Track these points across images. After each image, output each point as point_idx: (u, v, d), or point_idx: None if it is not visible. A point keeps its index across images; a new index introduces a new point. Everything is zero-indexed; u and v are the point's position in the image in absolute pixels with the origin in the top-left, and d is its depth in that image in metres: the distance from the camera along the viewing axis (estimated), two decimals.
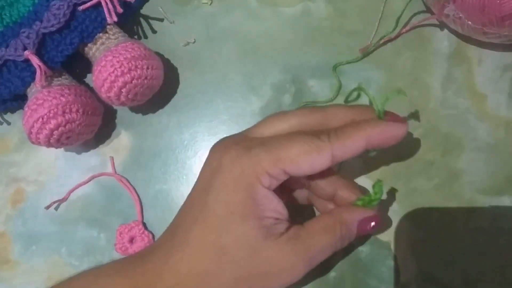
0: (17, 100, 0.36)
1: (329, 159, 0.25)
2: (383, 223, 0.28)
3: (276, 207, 0.26)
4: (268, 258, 0.25)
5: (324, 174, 0.28)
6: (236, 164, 0.25)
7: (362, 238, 0.33)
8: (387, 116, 0.28)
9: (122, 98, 0.33)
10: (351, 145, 0.25)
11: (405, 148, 0.35)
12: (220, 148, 0.27)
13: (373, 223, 0.28)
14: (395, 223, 0.33)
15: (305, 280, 0.33)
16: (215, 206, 0.25)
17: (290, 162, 0.25)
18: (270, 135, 0.27)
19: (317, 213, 0.33)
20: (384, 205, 0.34)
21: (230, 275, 0.25)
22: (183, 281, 0.25)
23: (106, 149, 0.37)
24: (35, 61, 0.32)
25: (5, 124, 0.38)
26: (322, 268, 0.33)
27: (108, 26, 0.35)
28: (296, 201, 0.31)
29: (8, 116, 0.39)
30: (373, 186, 0.28)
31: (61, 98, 0.32)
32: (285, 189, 0.30)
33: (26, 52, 0.33)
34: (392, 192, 0.34)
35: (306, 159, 0.25)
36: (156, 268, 0.26)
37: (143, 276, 0.26)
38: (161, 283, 0.25)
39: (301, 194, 0.31)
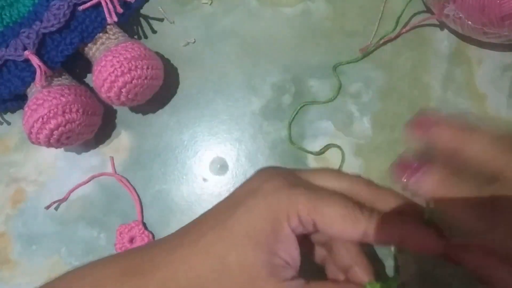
0: (17, 100, 0.36)
1: (360, 234, 0.25)
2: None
3: (292, 252, 0.25)
4: None
5: (349, 245, 0.28)
6: (274, 194, 0.25)
7: None
8: None
9: (122, 98, 0.33)
10: (384, 236, 0.25)
11: (405, 148, 0.35)
12: (267, 174, 0.27)
13: None
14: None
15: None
16: (236, 224, 0.25)
17: (324, 217, 0.25)
18: (318, 185, 0.27)
19: None
20: None
21: None
22: (176, 277, 0.25)
23: (106, 149, 0.37)
24: (35, 61, 0.32)
25: (5, 124, 0.38)
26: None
27: (108, 26, 0.35)
28: (312, 257, 0.31)
29: (8, 116, 0.39)
30: (388, 280, 0.27)
31: (61, 98, 0.32)
32: (307, 241, 0.29)
33: (26, 52, 0.33)
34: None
35: (340, 223, 0.25)
36: (154, 260, 0.26)
37: (138, 263, 0.26)
38: (155, 272, 0.25)
39: (319, 252, 0.30)
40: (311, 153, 0.35)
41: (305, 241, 0.29)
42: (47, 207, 0.36)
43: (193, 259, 0.25)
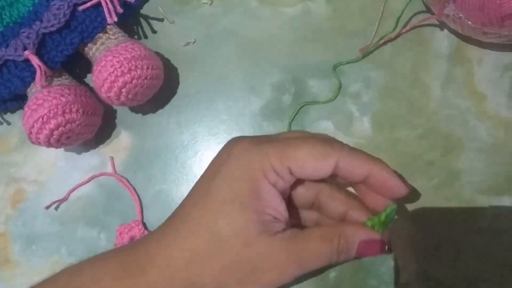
0: (17, 100, 0.36)
1: (332, 166, 0.26)
2: (387, 250, 0.27)
3: (278, 207, 0.26)
4: (260, 252, 0.25)
5: (336, 194, 0.28)
6: (245, 155, 0.26)
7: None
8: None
9: (122, 98, 0.33)
10: (355, 167, 0.26)
11: (405, 148, 0.35)
12: (232, 141, 0.28)
13: (376, 249, 0.27)
14: (395, 223, 0.33)
15: (299, 280, 0.33)
16: (217, 192, 0.26)
17: (296, 161, 0.25)
18: (284, 136, 0.28)
19: None
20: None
21: (220, 261, 0.25)
22: (174, 262, 0.26)
23: (106, 149, 0.37)
24: (35, 61, 0.32)
25: (5, 124, 0.38)
26: (322, 268, 0.33)
27: (108, 26, 0.35)
28: (305, 223, 0.31)
29: (8, 116, 0.39)
30: (385, 209, 0.27)
31: (61, 98, 0.32)
32: (295, 211, 0.30)
33: (26, 52, 0.33)
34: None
35: (312, 161, 0.25)
36: (149, 250, 0.26)
37: (134, 257, 0.26)
38: (152, 263, 0.26)
39: (310, 217, 0.30)
40: None
41: (294, 211, 0.30)
42: (47, 207, 0.36)
43: (184, 240, 0.26)
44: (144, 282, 0.25)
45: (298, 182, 0.28)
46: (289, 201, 0.28)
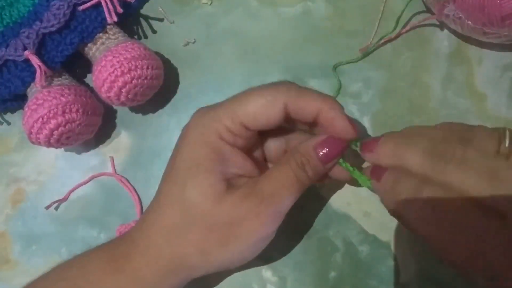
0: (17, 100, 0.36)
1: (282, 108, 0.26)
2: (346, 146, 0.27)
3: (243, 165, 0.27)
4: (230, 208, 0.25)
5: (303, 138, 0.28)
6: (200, 123, 0.27)
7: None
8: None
9: (122, 98, 0.33)
10: (305, 105, 0.26)
11: None
12: (193, 114, 0.28)
13: (336, 146, 0.26)
14: (395, 223, 0.33)
15: (302, 270, 0.33)
16: (180, 163, 0.26)
17: (247, 115, 0.26)
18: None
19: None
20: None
21: (197, 227, 0.25)
22: (154, 242, 0.26)
23: (106, 149, 0.37)
24: (35, 61, 0.32)
25: (5, 124, 0.38)
26: (322, 268, 0.33)
27: (108, 26, 0.35)
28: None
29: (8, 116, 0.39)
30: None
31: (61, 98, 0.32)
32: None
33: (26, 52, 0.33)
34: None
35: (262, 111, 0.26)
36: (132, 237, 0.27)
37: (121, 246, 0.27)
38: (135, 249, 0.26)
39: None
40: None
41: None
42: (47, 207, 0.36)
43: (160, 217, 0.26)
44: (130, 269, 0.26)
45: (266, 135, 0.29)
46: (263, 156, 0.30)
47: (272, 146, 0.29)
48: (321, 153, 0.26)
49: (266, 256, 0.34)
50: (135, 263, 0.26)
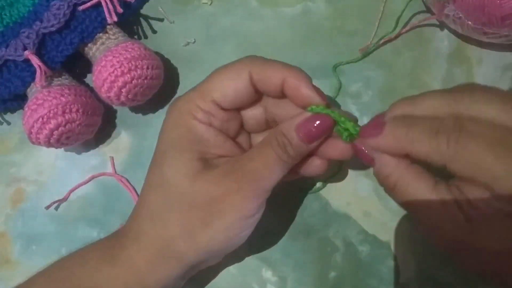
0: (17, 100, 0.36)
1: (247, 79, 0.26)
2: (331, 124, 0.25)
3: (222, 145, 0.27)
4: (209, 185, 0.25)
5: (281, 101, 0.27)
6: (175, 108, 0.27)
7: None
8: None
9: (122, 98, 0.33)
10: (269, 75, 0.26)
11: None
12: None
13: (317, 122, 0.25)
14: (395, 223, 0.33)
15: (302, 270, 0.33)
16: (159, 146, 0.27)
17: (216, 91, 0.26)
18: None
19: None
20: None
21: (177, 207, 0.25)
22: (141, 228, 0.26)
23: (106, 149, 0.37)
24: (35, 61, 0.32)
25: (5, 124, 0.38)
26: (322, 268, 0.33)
27: (108, 26, 0.35)
28: None
29: (8, 116, 0.39)
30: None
31: (61, 98, 0.32)
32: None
33: (26, 52, 0.33)
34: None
35: (228, 84, 0.26)
36: (126, 225, 0.28)
37: (118, 237, 0.28)
38: (128, 236, 0.27)
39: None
40: None
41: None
42: (47, 207, 0.36)
43: (145, 203, 0.27)
44: (124, 257, 0.26)
45: (243, 108, 0.28)
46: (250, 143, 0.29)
47: (250, 115, 0.29)
48: (302, 133, 0.25)
49: (266, 256, 0.34)
50: (128, 250, 0.26)
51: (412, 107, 0.23)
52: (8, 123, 0.38)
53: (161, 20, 0.39)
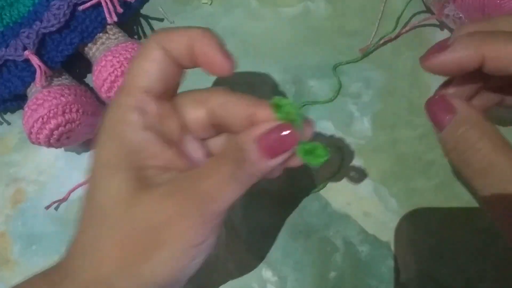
0: (17, 100, 0.36)
1: (160, 51, 0.22)
2: (306, 135, 0.22)
3: (161, 154, 0.22)
4: (148, 210, 0.21)
5: (228, 99, 0.24)
6: (105, 117, 0.23)
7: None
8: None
9: None
10: (176, 39, 0.22)
11: (405, 148, 0.35)
12: None
13: (285, 132, 0.21)
14: (395, 223, 0.33)
15: (302, 270, 0.33)
16: (91, 167, 0.23)
17: (138, 77, 0.22)
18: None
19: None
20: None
21: (113, 239, 0.21)
22: (77, 263, 0.22)
23: None
24: (35, 61, 0.32)
25: (5, 124, 0.38)
26: (322, 268, 0.33)
27: (108, 26, 0.35)
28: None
29: (8, 116, 0.39)
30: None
31: (61, 98, 0.32)
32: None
33: (26, 52, 0.33)
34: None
35: (146, 63, 0.22)
36: (59, 264, 0.24)
37: (56, 271, 0.23)
38: (65, 275, 0.22)
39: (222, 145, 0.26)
40: None
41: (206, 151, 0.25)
42: (47, 207, 0.36)
43: (80, 235, 0.23)
44: None
45: (184, 109, 0.24)
46: (205, 152, 0.24)
47: (192, 116, 0.24)
48: (263, 148, 0.21)
49: (266, 256, 0.34)
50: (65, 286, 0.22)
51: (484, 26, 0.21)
52: (8, 123, 0.38)
53: (161, 20, 0.39)
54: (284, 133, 0.21)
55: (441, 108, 0.22)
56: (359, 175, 0.35)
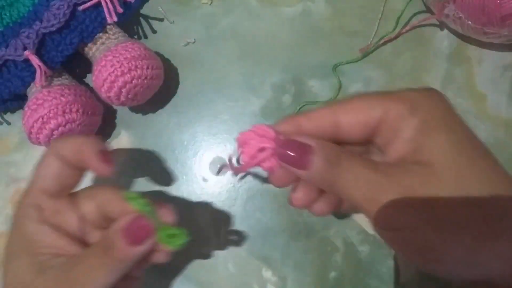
0: (17, 100, 0.36)
1: (53, 156, 0.25)
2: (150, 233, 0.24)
3: (54, 243, 0.25)
4: None
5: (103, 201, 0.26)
6: (14, 212, 0.26)
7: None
8: None
9: (122, 98, 0.33)
10: (67, 147, 0.26)
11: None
12: None
13: (142, 222, 0.24)
14: None
15: (302, 270, 0.33)
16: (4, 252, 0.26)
17: (37, 180, 0.26)
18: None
19: None
20: None
21: None
22: None
23: None
24: (35, 61, 0.32)
25: (5, 124, 0.38)
26: (322, 268, 0.33)
27: (108, 26, 0.35)
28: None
29: (8, 116, 0.39)
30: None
31: (61, 98, 0.32)
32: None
33: (26, 52, 0.33)
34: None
35: (42, 169, 0.26)
36: None
37: None
38: None
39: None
40: None
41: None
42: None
43: None
44: None
45: (79, 203, 0.27)
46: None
47: (68, 221, 0.27)
48: (127, 236, 0.24)
49: (266, 256, 0.34)
50: None
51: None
52: (8, 123, 0.38)
53: (161, 20, 0.39)
54: (141, 223, 0.24)
55: (298, 151, 0.22)
56: None
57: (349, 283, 0.33)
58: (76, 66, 0.37)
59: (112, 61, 0.32)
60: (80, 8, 0.33)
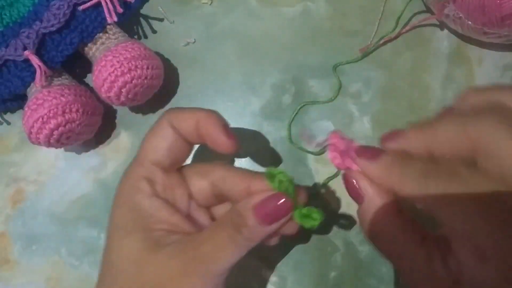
0: (17, 100, 0.36)
1: (169, 129, 0.26)
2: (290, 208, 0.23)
3: (169, 219, 0.25)
4: (156, 269, 0.23)
5: (227, 173, 0.26)
6: (119, 185, 0.26)
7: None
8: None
9: (122, 98, 0.33)
10: (184, 118, 0.26)
11: None
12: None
13: (279, 201, 0.23)
14: None
15: (302, 270, 0.33)
16: (107, 229, 0.26)
17: (149, 152, 0.26)
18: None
19: None
20: None
21: None
22: None
23: (106, 149, 0.37)
24: (35, 61, 0.32)
25: (5, 124, 0.38)
26: (322, 268, 0.33)
27: (108, 26, 0.35)
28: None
29: (8, 116, 0.39)
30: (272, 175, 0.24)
31: (61, 98, 0.32)
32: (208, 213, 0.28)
33: (26, 52, 0.33)
34: None
35: (157, 140, 0.26)
36: None
37: None
38: None
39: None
40: (311, 153, 0.35)
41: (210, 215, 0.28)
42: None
43: (99, 281, 0.25)
44: None
45: (189, 180, 0.27)
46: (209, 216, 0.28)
47: (197, 188, 0.27)
48: (260, 214, 0.23)
49: (266, 256, 0.34)
50: None
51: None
52: (8, 123, 0.38)
53: (161, 20, 0.39)
54: (279, 202, 0.23)
55: (353, 190, 0.23)
56: None
57: (349, 283, 0.33)
58: (76, 66, 0.37)
59: (112, 61, 0.32)
60: (80, 8, 0.33)
